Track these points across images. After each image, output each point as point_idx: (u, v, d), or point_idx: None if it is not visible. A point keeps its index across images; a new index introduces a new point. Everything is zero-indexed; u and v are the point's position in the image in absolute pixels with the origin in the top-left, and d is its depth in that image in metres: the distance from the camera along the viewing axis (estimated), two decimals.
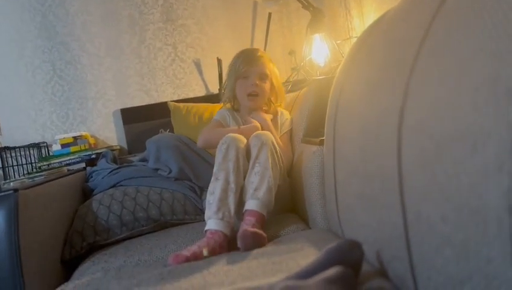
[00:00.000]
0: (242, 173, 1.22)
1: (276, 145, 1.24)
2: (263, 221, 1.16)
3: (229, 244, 1.15)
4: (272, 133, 1.36)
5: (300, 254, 0.91)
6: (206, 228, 1.16)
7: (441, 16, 0.58)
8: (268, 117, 1.49)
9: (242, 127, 1.47)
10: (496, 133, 0.41)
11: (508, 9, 0.43)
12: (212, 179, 1.21)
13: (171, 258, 1.04)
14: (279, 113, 1.55)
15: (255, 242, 1.05)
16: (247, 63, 1.47)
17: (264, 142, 1.20)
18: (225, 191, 1.18)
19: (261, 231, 1.09)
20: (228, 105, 1.60)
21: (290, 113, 1.61)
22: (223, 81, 1.85)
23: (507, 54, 0.41)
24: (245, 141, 1.26)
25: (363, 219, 0.79)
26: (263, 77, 1.49)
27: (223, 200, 1.17)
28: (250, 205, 1.16)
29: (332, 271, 0.61)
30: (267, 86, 1.50)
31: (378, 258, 0.74)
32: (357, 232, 0.84)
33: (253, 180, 1.18)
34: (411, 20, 0.69)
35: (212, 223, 1.15)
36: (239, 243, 1.06)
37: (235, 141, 1.22)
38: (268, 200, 1.17)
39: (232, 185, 1.19)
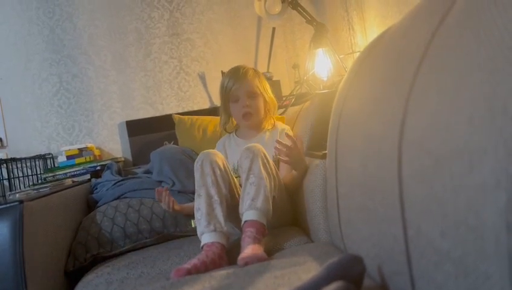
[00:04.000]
0: (223, 184, 1.23)
1: (268, 157, 1.26)
2: (264, 230, 1.16)
3: (229, 256, 1.15)
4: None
5: (302, 268, 0.91)
6: (201, 243, 1.17)
7: (440, 34, 0.59)
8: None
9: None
10: (493, 150, 0.41)
11: (503, 29, 0.44)
12: (195, 196, 1.24)
13: (172, 273, 1.04)
14: (279, 130, 1.52)
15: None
16: (233, 82, 1.48)
17: (256, 154, 1.22)
18: (210, 204, 1.20)
19: (260, 253, 1.07)
20: (225, 131, 1.60)
21: (293, 127, 1.62)
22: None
23: (503, 72, 0.42)
24: (220, 154, 1.29)
25: (365, 232, 0.80)
26: (252, 95, 1.49)
27: (210, 213, 1.18)
28: (249, 215, 1.16)
29: (333, 286, 0.61)
30: (259, 103, 1.50)
31: (380, 273, 0.74)
32: (359, 246, 0.84)
33: (249, 191, 1.19)
34: (411, 37, 0.70)
35: (207, 236, 1.16)
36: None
37: (208, 156, 1.26)
38: (266, 208, 1.17)
39: (216, 197, 1.21)
